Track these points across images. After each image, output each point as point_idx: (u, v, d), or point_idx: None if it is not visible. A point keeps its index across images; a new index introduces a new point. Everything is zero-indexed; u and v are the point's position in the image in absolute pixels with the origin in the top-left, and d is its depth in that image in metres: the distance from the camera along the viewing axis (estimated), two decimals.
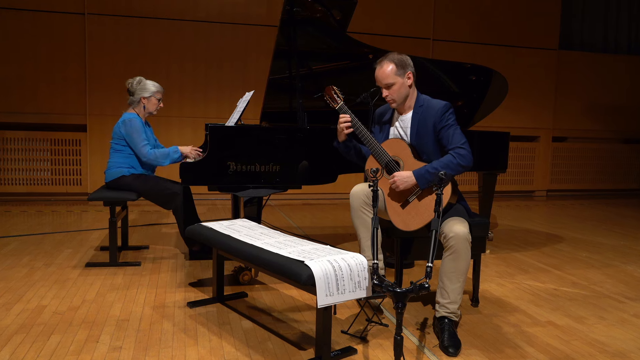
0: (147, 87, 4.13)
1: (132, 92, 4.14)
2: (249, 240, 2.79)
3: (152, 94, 4.14)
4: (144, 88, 4.12)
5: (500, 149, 4.56)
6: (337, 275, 2.34)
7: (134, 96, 4.14)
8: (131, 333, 2.72)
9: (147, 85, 4.13)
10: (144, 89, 4.12)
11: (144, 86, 4.12)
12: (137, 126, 4.01)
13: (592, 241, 5.35)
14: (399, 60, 2.95)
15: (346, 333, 2.79)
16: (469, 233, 2.72)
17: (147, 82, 4.15)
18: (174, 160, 4.04)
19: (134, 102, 4.15)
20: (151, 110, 4.18)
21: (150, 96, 4.13)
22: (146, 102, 4.13)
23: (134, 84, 4.14)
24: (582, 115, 9.31)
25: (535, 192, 9.25)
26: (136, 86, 4.13)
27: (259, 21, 7.55)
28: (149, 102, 4.14)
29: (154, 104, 4.18)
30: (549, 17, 8.86)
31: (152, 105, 4.17)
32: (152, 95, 4.14)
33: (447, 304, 2.73)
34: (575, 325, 3.01)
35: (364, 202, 2.98)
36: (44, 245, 4.53)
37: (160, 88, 4.20)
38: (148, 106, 4.15)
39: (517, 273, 4.07)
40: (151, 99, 4.14)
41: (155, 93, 4.15)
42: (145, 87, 4.12)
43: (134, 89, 4.13)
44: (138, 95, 4.12)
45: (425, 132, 2.92)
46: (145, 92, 4.12)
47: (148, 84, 4.14)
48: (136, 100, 4.13)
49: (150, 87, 4.13)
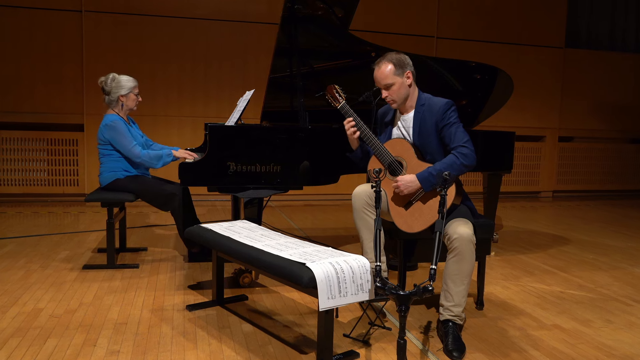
0: (123, 84, 4.03)
1: (108, 92, 4.03)
2: (249, 242, 2.79)
3: (130, 90, 4.05)
4: (119, 85, 4.02)
5: (505, 149, 4.56)
6: (339, 278, 2.33)
7: (111, 95, 4.03)
8: (129, 337, 2.72)
9: (122, 82, 4.03)
10: (119, 86, 4.02)
11: (119, 83, 4.02)
12: (120, 129, 3.93)
13: (599, 243, 5.34)
14: (397, 60, 2.95)
15: (348, 337, 2.79)
16: (473, 235, 2.72)
17: (122, 77, 4.05)
18: (167, 163, 4.01)
19: (112, 101, 4.05)
20: (131, 106, 4.09)
21: (128, 93, 4.04)
22: (125, 99, 4.04)
23: (108, 82, 4.03)
24: (589, 114, 9.31)
25: (541, 193, 9.24)
26: (111, 84, 4.02)
27: (260, 19, 7.55)
28: (127, 99, 4.06)
29: (133, 100, 4.09)
30: (555, 14, 8.86)
31: (131, 102, 4.08)
32: (130, 92, 4.05)
33: (451, 307, 2.73)
34: (581, 329, 3.01)
35: (367, 203, 2.98)
36: (40, 247, 4.53)
37: (135, 81, 4.10)
38: (127, 103, 4.06)
39: (523, 275, 4.07)
40: (130, 96, 4.06)
41: (132, 88, 4.06)
42: (121, 85, 4.02)
43: (109, 87, 4.02)
44: (115, 94, 4.02)
45: (427, 132, 2.92)
46: (122, 89, 4.02)
47: (123, 81, 4.03)
48: (114, 99, 4.03)
49: (126, 84, 4.03)
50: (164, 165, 4.02)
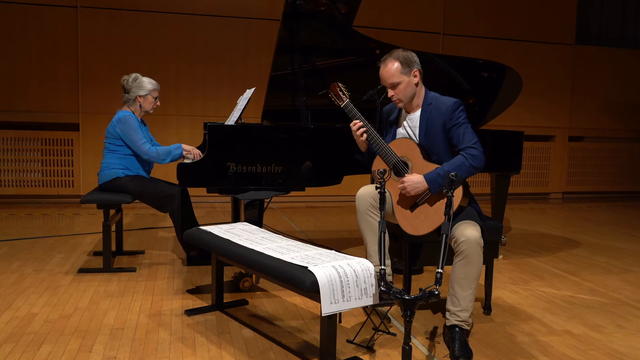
0: (144, 85, 4.13)
1: (128, 90, 4.15)
2: (249, 245, 2.80)
3: (149, 92, 4.14)
4: (140, 86, 4.12)
5: (513, 149, 4.56)
6: (343, 282, 2.34)
7: (130, 94, 4.14)
8: (126, 342, 2.73)
9: (143, 82, 4.13)
10: (140, 86, 4.12)
11: (140, 84, 4.13)
12: (133, 124, 4.01)
13: (610, 246, 5.34)
14: (404, 58, 2.94)
15: (352, 342, 2.79)
16: (480, 237, 2.72)
17: (144, 79, 4.15)
18: (175, 157, 4.05)
19: (130, 100, 4.15)
20: (147, 109, 4.18)
21: (146, 94, 4.13)
22: (142, 100, 4.14)
23: (130, 81, 4.14)
24: (600, 113, 9.29)
25: (550, 195, 9.23)
26: (132, 83, 4.13)
27: (260, 14, 7.56)
28: (145, 101, 4.15)
29: (151, 103, 4.18)
30: (565, 10, 8.85)
31: (149, 104, 4.17)
32: (148, 94, 4.14)
33: (458, 312, 2.73)
34: (592, 335, 3.00)
35: (371, 204, 2.98)
36: (34, 251, 4.54)
37: (157, 85, 4.21)
38: (144, 105, 4.16)
39: (532, 279, 4.07)
40: (148, 98, 4.15)
41: (152, 91, 4.15)
42: (142, 85, 4.12)
43: (129, 86, 4.13)
44: (134, 93, 4.12)
45: (434, 132, 2.92)
46: (142, 90, 4.12)
47: (144, 82, 4.14)
48: (132, 98, 4.14)
49: (146, 85, 4.13)
50: (173, 160, 4.05)
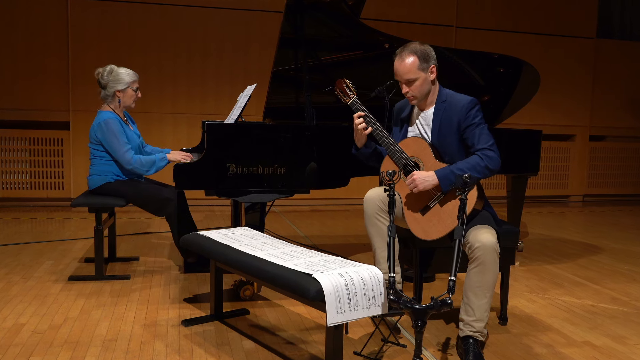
0: (121, 78, 4.00)
1: (104, 85, 4.01)
2: (250, 251, 2.80)
3: (128, 85, 4.02)
4: (117, 79, 4.00)
5: (531, 149, 4.56)
6: (349, 290, 2.34)
7: (107, 90, 4.01)
8: (119, 355, 2.73)
9: (120, 75, 4.01)
10: (117, 80, 4.00)
11: (117, 77, 4.00)
12: (114, 129, 3.89)
13: (634, 252, 5.32)
14: (422, 53, 2.92)
15: (359, 354, 2.79)
16: (496, 243, 2.71)
17: (120, 70, 4.03)
18: (159, 168, 3.98)
19: (108, 96, 4.03)
20: (128, 103, 4.08)
21: (125, 88, 4.02)
22: (121, 95, 4.03)
23: (105, 75, 4.01)
24: (623, 111, 9.27)
25: (570, 198, 9.21)
26: (107, 77, 4.00)
27: (262, 6, 7.56)
28: (124, 95, 4.03)
29: (131, 96, 4.07)
30: (586, 2, 8.84)
31: (129, 98, 4.06)
32: (127, 87, 4.02)
33: (473, 322, 2.72)
34: (615, 346, 3.00)
35: (380, 208, 2.98)
36: (21, 257, 4.55)
37: (136, 76, 4.08)
38: (124, 100, 4.04)
39: (550, 287, 4.06)
40: (127, 91, 4.03)
41: (130, 83, 4.03)
42: (119, 78, 4.00)
43: (105, 81, 4.00)
44: (111, 88, 4.00)
45: (448, 131, 2.91)
46: (120, 83, 4.00)
47: (121, 74, 4.01)
48: (110, 94, 4.02)
49: (124, 78, 4.01)
50: (157, 171, 4.00)
